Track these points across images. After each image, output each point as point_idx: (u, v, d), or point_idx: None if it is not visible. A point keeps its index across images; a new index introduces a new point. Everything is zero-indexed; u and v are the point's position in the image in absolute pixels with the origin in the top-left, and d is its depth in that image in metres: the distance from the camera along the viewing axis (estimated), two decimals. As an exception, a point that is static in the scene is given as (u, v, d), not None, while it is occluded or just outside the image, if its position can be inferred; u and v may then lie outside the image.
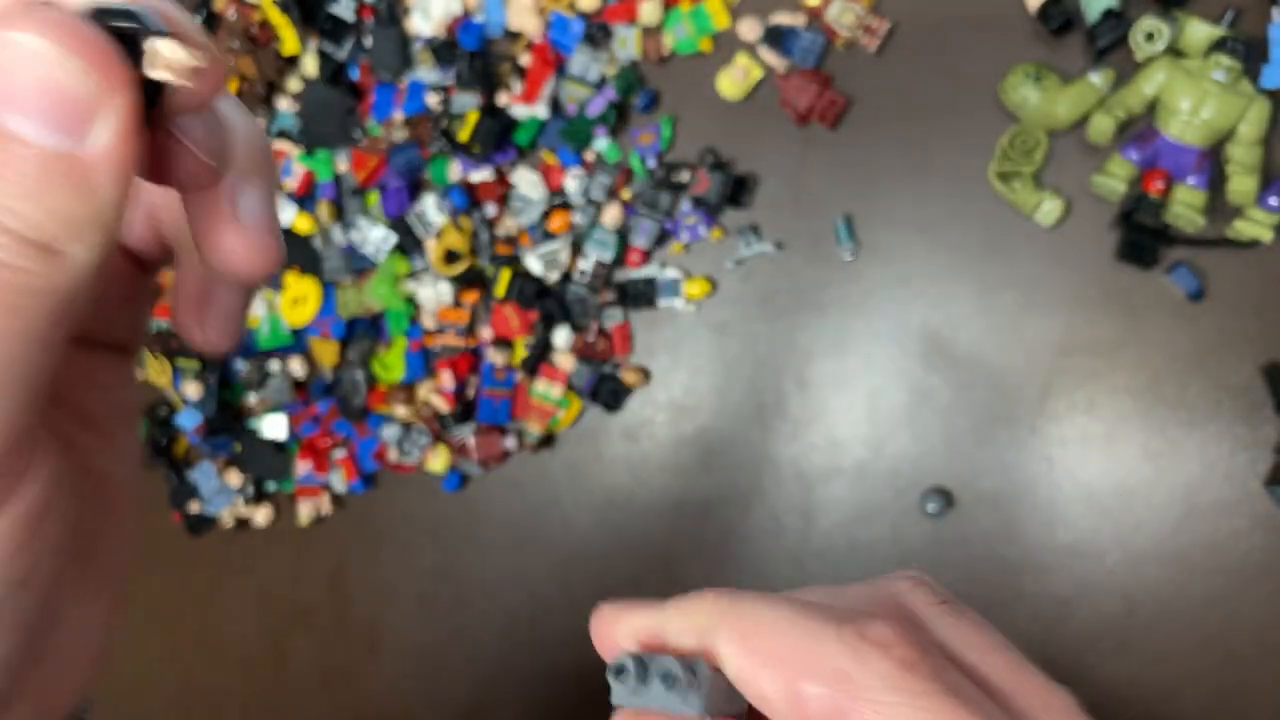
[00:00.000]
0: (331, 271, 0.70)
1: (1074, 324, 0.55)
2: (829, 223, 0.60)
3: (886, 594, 0.21)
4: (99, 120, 0.14)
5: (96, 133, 0.14)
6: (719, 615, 0.19)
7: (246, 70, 0.73)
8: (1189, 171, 0.52)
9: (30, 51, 0.13)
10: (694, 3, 0.62)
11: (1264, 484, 0.53)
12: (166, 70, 0.14)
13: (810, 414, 0.60)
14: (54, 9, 0.13)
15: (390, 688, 0.71)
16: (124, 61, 0.14)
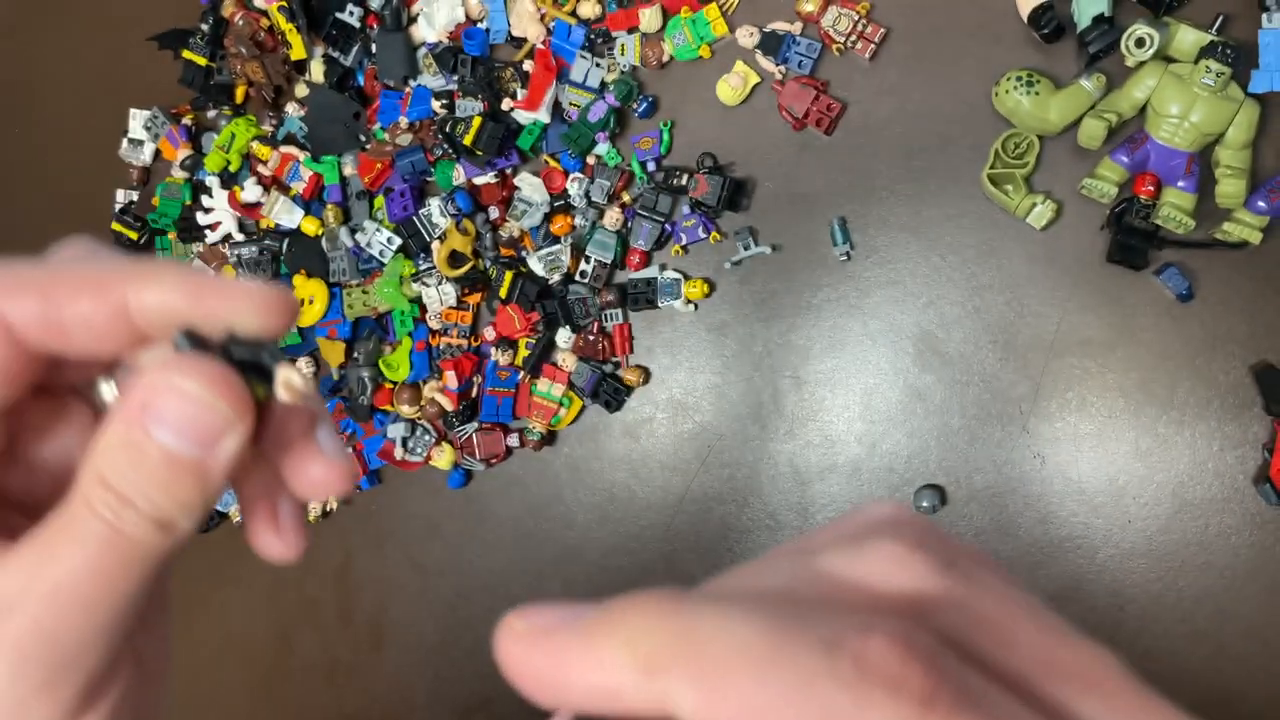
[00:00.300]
0: (338, 273, 0.72)
1: (1065, 325, 0.56)
2: (825, 225, 0.61)
3: (877, 570, 0.16)
4: (226, 439, 0.18)
5: (223, 446, 0.18)
6: (668, 644, 0.14)
7: (254, 75, 0.74)
8: (1179, 175, 0.53)
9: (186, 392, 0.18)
10: (693, 10, 0.63)
11: (1252, 482, 0.53)
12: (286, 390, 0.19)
13: (806, 412, 0.61)
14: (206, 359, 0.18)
15: (394, 681, 0.72)
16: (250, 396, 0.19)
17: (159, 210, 0.78)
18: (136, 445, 0.18)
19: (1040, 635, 0.15)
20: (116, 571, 0.18)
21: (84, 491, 0.18)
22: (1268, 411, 0.53)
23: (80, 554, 0.18)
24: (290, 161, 0.74)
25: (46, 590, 0.18)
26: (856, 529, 0.17)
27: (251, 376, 0.19)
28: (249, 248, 0.74)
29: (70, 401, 0.22)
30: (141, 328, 0.20)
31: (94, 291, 0.19)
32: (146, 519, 0.18)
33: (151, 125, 0.80)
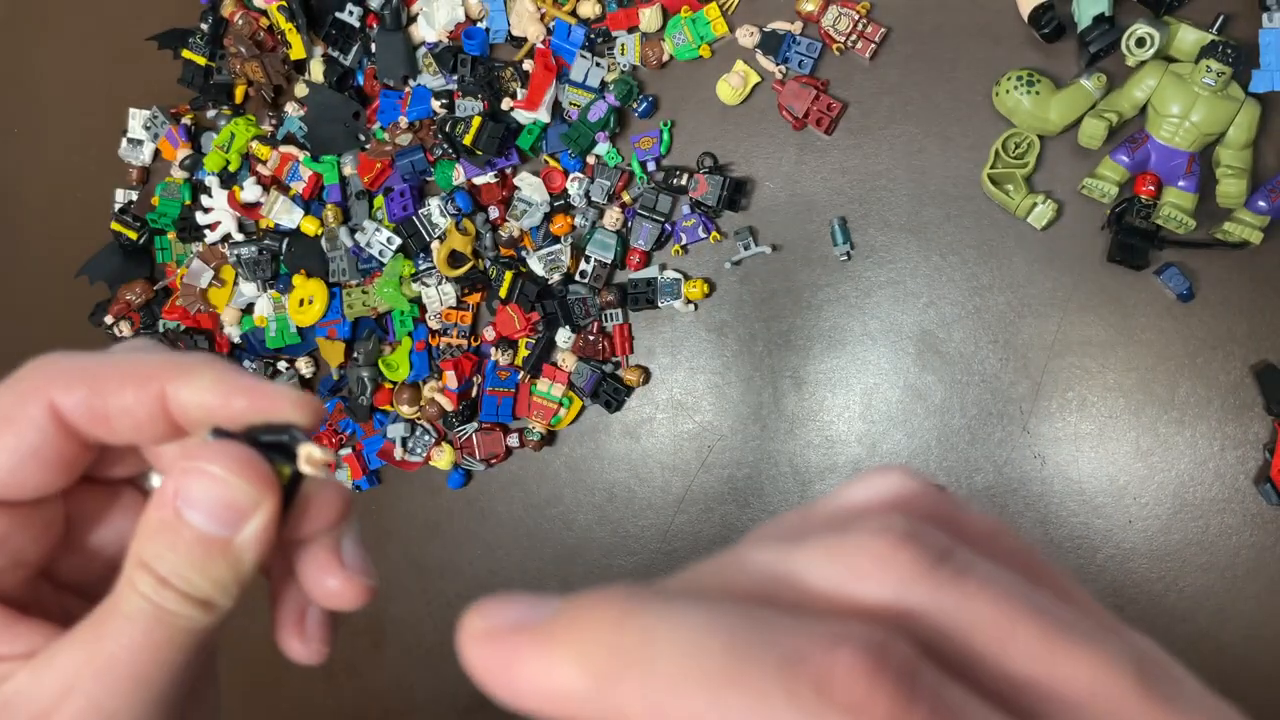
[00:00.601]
0: (337, 273, 0.72)
1: (1065, 324, 0.56)
2: (825, 225, 0.61)
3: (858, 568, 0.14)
4: (252, 519, 0.20)
5: (249, 527, 0.20)
6: (619, 654, 0.13)
7: (254, 75, 0.74)
8: (1179, 174, 0.53)
9: (212, 474, 0.19)
10: (693, 10, 0.63)
11: (1253, 482, 0.53)
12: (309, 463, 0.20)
13: (806, 412, 0.61)
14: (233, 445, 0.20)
15: (394, 682, 0.72)
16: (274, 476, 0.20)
17: (158, 210, 0.78)
18: (170, 527, 0.19)
19: (1041, 641, 0.13)
20: (163, 648, 0.19)
21: (128, 573, 0.20)
22: (1268, 411, 0.53)
23: (127, 633, 0.19)
24: (290, 161, 0.74)
25: (99, 669, 0.19)
26: (849, 511, 0.16)
27: (276, 457, 0.20)
28: (248, 247, 0.74)
29: (124, 492, 0.24)
30: (179, 420, 0.21)
31: (136, 384, 0.21)
32: (185, 597, 0.19)
33: (151, 125, 0.80)
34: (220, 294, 0.76)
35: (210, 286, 0.76)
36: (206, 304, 0.76)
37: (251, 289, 0.75)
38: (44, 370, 0.21)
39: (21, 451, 0.20)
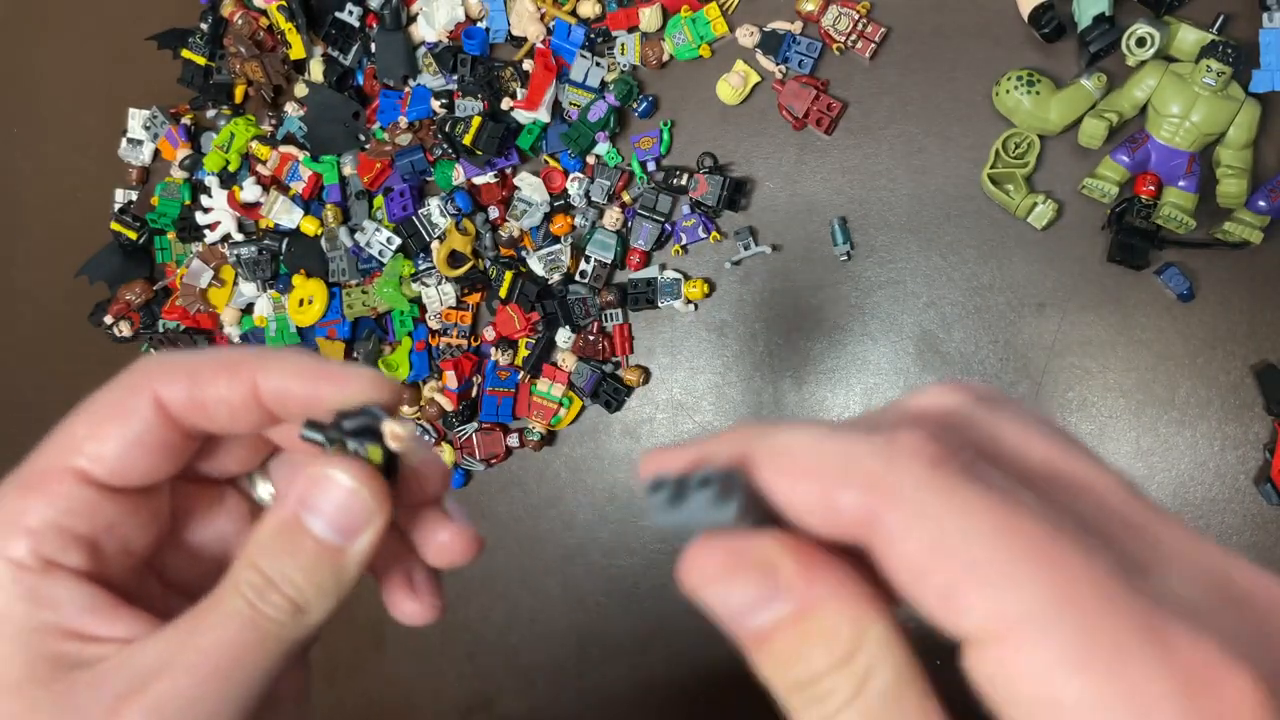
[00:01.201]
0: (337, 273, 0.72)
1: (1065, 324, 0.56)
2: (825, 225, 0.61)
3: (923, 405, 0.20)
4: (365, 532, 0.21)
5: (363, 538, 0.21)
6: (752, 441, 0.18)
7: (254, 75, 0.74)
8: (1179, 174, 0.53)
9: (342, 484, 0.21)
10: (693, 10, 0.63)
11: (1253, 482, 0.53)
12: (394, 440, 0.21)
13: (806, 412, 0.61)
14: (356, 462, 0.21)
15: (394, 681, 0.72)
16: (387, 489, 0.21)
17: (158, 210, 0.78)
18: (290, 531, 0.21)
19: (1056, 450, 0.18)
20: (253, 649, 0.20)
21: (235, 573, 0.21)
22: (1268, 411, 0.53)
23: (221, 630, 0.20)
24: (289, 161, 0.74)
25: (189, 661, 0.20)
26: None
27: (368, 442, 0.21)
28: (248, 247, 0.74)
29: (228, 494, 0.26)
30: (271, 408, 0.23)
31: (229, 374, 0.22)
32: (285, 601, 0.21)
33: (150, 125, 0.80)
34: (220, 294, 0.76)
35: (210, 286, 0.76)
36: (206, 304, 0.76)
37: (251, 289, 0.75)
38: (147, 366, 0.23)
39: (129, 440, 0.22)
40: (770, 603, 0.17)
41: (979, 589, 0.15)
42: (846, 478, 0.17)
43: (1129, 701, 0.14)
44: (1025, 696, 0.15)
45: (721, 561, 0.17)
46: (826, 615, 0.17)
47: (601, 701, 0.66)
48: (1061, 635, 0.14)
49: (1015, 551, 0.15)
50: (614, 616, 0.66)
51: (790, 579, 0.17)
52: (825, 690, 0.17)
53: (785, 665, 0.17)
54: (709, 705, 0.63)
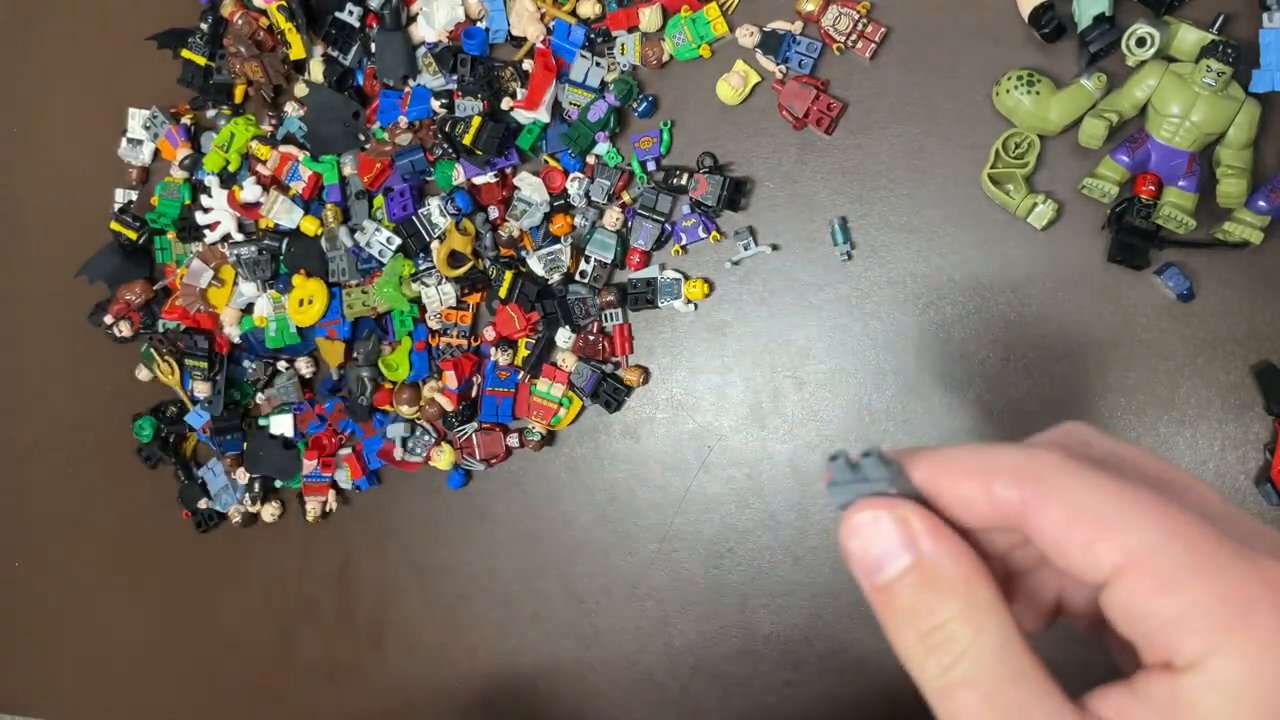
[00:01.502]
0: (337, 273, 0.72)
1: (1066, 325, 0.56)
2: (825, 225, 0.61)
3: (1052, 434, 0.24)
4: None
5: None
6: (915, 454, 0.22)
7: (254, 75, 0.74)
8: (1179, 174, 0.53)
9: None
10: (693, 10, 0.63)
11: (1254, 482, 0.53)
12: None
13: (806, 412, 0.61)
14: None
15: (394, 681, 0.72)
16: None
17: (158, 210, 0.78)
18: None
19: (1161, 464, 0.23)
20: None
21: None
22: (1269, 411, 0.53)
23: None
24: (289, 161, 0.74)
25: None
26: None
27: None
28: (248, 247, 0.74)
29: None
30: None
31: None
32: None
33: (150, 125, 0.80)
34: (220, 294, 0.76)
35: (210, 286, 0.76)
36: (206, 304, 0.76)
37: (251, 289, 0.75)
38: None
39: None
40: (903, 552, 0.21)
41: (1110, 537, 0.19)
42: (1001, 473, 0.21)
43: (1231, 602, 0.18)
44: (1152, 610, 0.19)
45: (869, 514, 0.21)
46: (950, 569, 0.20)
47: (601, 702, 0.66)
48: (1174, 558, 0.18)
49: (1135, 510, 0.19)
50: (614, 616, 0.66)
51: (921, 533, 0.21)
52: (947, 636, 0.20)
53: (911, 615, 0.20)
54: (709, 705, 0.63)
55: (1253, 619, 0.18)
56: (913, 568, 0.20)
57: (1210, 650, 0.18)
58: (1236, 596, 0.18)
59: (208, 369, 0.75)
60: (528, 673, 0.68)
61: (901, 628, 0.21)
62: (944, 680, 0.20)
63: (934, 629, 0.20)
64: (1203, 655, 0.18)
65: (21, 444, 0.87)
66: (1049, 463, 0.20)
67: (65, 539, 0.85)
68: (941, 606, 0.20)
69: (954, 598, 0.20)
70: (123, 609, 0.83)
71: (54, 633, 0.86)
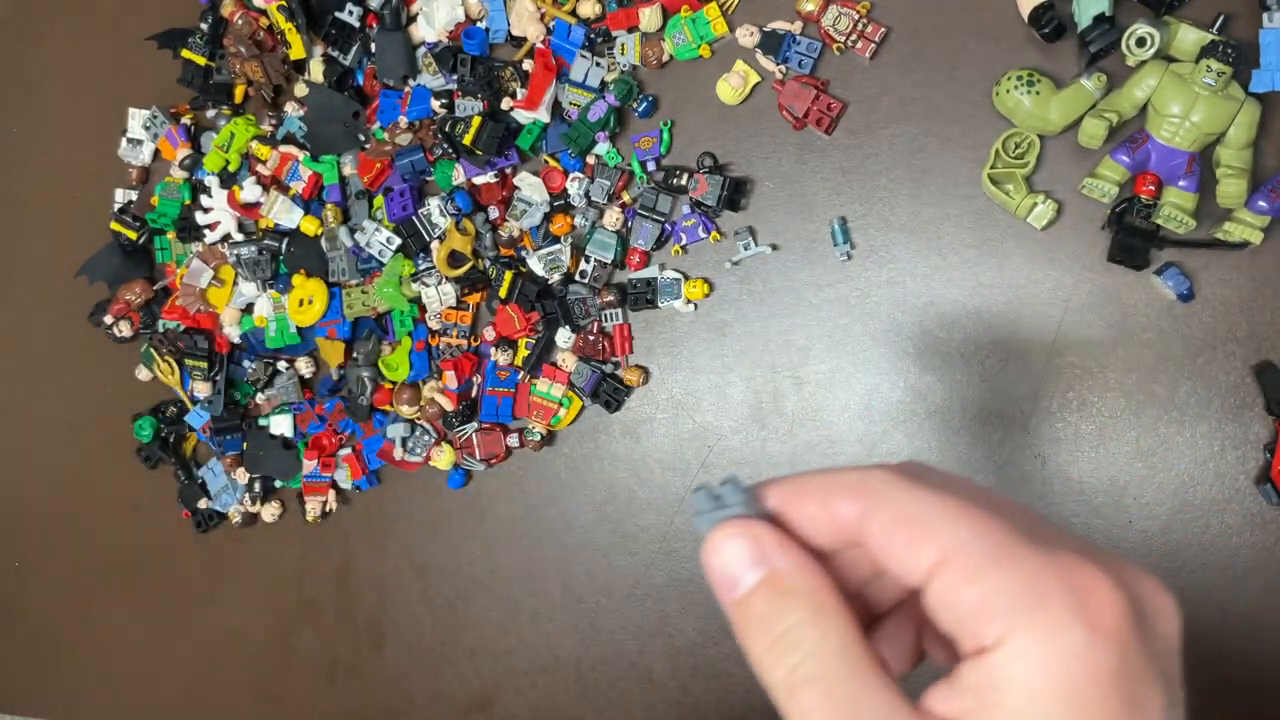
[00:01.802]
0: (337, 273, 0.72)
1: (1066, 324, 0.56)
2: (824, 225, 0.61)
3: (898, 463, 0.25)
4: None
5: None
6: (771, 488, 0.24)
7: (254, 75, 0.74)
8: (1179, 174, 0.53)
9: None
10: (693, 10, 0.63)
11: (1254, 482, 0.53)
12: None
13: (806, 412, 0.61)
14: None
15: (394, 680, 0.72)
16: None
17: (158, 210, 0.78)
18: None
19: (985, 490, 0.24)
20: None
21: None
22: (1269, 411, 0.53)
23: None
24: (289, 161, 0.74)
25: None
26: None
27: None
28: (248, 247, 0.74)
29: None
30: None
31: None
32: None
33: (150, 125, 0.80)
34: (220, 294, 0.76)
35: (210, 286, 0.76)
36: (206, 304, 0.76)
37: (251, 289, 0.75)
38: None
39: None
40: (756, 567, 0.23)
41: (927, 537, 0.21)
42: (840, 490, 0.23)
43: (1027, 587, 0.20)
44: (961, 600, 0.21)
45: (726, 534, 0.23)
46: (796, 579, 0.22)
47: (601, 701, 0.66)
48: (980, 553, 0.21)
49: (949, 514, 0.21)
50: (614, 616, 0.66)
51: (772, 548, 0.23)
52: (794, 639, 0.22)
53: (762, 623, 0.22)
54: (709, 705, 0.63)
55: (1046, 600, 0.20)
56: (764, 580, 0.23)
57: (1010, 629, 0.20)
58: (1032, 582, 0.20)
59: (208, 369, 0.75)
60: (528, 671, 0.68)
61: (754, 635, 0.22)
62: (790, 680, 0.22)
63: (783, 633, 0.22)
64: (1004, 634, 0.20)
65: (21, 444, 0.87)
66: (880, 479, 0.23)
67: (65, 539, 0.85)
68: (790, 613, 0.22)
69: (801, 605, 0.22)
70: (123, 609, 0.83)
71: (54, 633, 0.86)
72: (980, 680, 0.20)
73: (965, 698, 0.20)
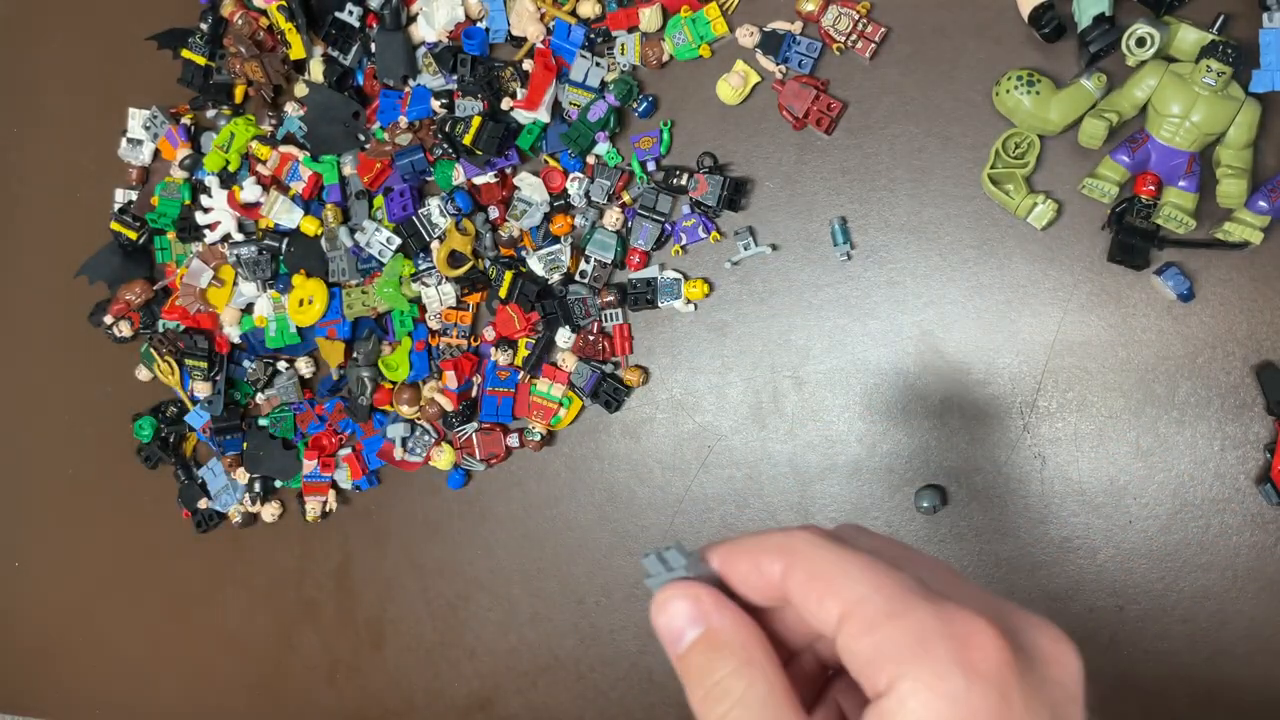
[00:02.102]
0: (337, 273, 0.72)
1: (1066, 324, 0.56)
2: (824, 225, 0.61)
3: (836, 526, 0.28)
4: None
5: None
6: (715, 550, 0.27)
7: (254, 75, 0.74)
8: (1179, 174, 0.53)
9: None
10: (693, 10, 0.63)
11: (1254, 482, 0.53)
12: None
13: (806, 412, 0.61)
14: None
15: (394, 681, 0.72)
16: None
17: (158, 210, 0.78)
18: None
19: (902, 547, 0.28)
20: None
21: None
22: (1269, 411, 0.53)
23: None
24: (289, 161, 0.74)
25: None
26: None
27: None
28: (248, 247, 0.74)
29: None
30: None
31: None
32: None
33: (150, 125, 0.80)
34: (220, 294, 0.76)
35: (210, 286, 0.76)
36: (206, 304, 0.76)
37: (251, 289, 0.75)
38: None
39: None
40: (695, 624, 0.25)
41: (834, 592, 0.23)
42: (767, 550, 0.25)
43: (913, 636, 0.22)
44: (859, 650, 0.22)
45: (668, 594, 0.25)
46: (729, 635, 0.24)
47: (601, 701, 0.66)
48: (876, 606, 0.23)
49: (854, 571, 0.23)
50: (614, 616, 0.66)
51: (708, 608, 0.25)
52: (724, 690, 0.24)
53: (699, 675, 0.24)
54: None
55: (929, 647, 0.22)
56: (701, 637, 0.25)
57: (898, 676, 0.22)
58: (918, 631, 0.22)
59: (208, 369, 0.75)
60: (528, 672, 0.68)
61: (693, 686, 0.25)
62: None
63: (715, 684, 0.24)
64: (893, 681, 0.22)
65: (21, 444, 0.87)
66: (800, 538, 0.25)
67: (65, 539, 0.85)
68: (721, 665, 0.24)
69: (731, 657, 0.24)
70: (123, 609, 0.83)
71: (54, 633, 0.86)
72: None
73: None
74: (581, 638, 0.67)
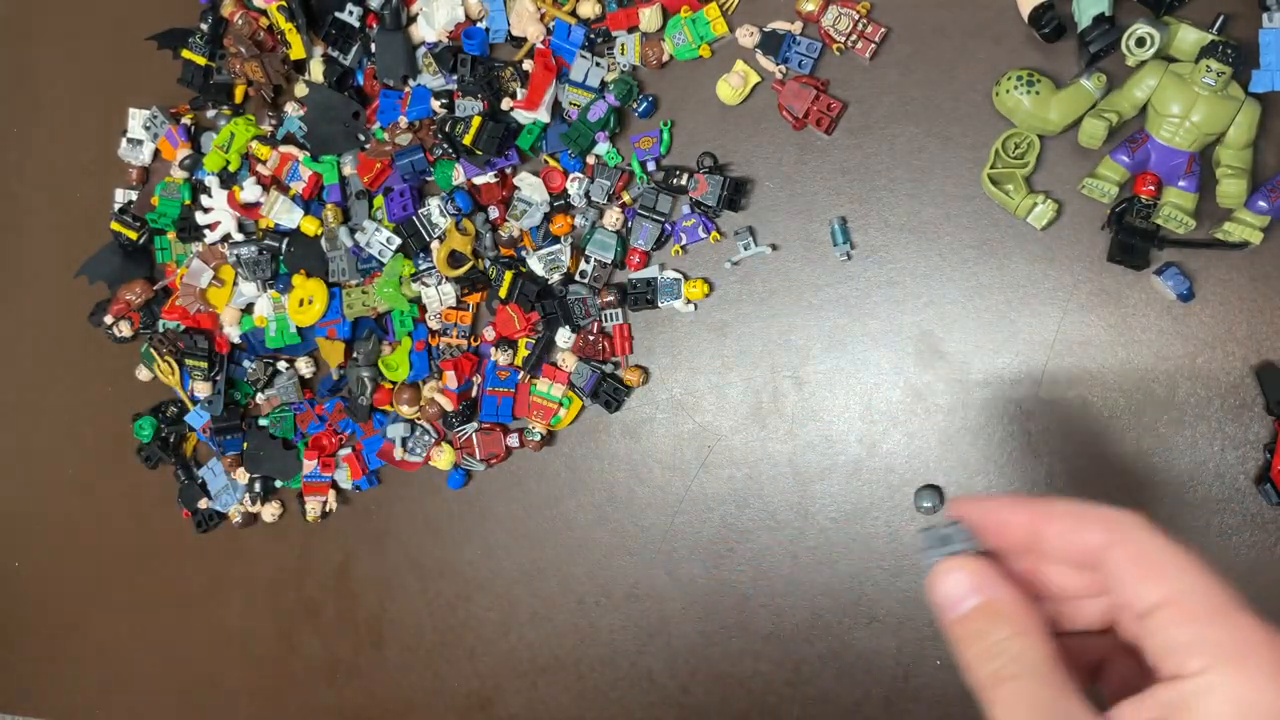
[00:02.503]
0: (337, 273, 0.72)
1: (1065, 324, 0.56)
2: (824, 225, 0.61)
3: None
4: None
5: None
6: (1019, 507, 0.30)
7: (254, 75, 0.74)
8: (1179, 174, 0.53)
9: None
10: (693, 10, 0.63)
11: (1253, 481, 0.53)
12: None
13: (806, 412, 0.61)
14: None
15: (394, 681, 0.72)
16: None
17: (158, 210, 0.78)
18: None
19: None
20: None
21: None
22: (1268, 411, 0.53)
23: None
24: (289, 161, 0.74)
25: None
26: None
27: None
28: (248, 247, 0.74)
29: None
30: None
31: None
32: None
33: (151, 125, 0.80)
34: (220, 294, 0.76)
35: (210, 286, 0.76)
36: (206, 304, 0.76)
37: (251, 289, 0.75)
38: None
39: None
40: (975, 594, 0.28)
41: (1158, 579, 0.26)
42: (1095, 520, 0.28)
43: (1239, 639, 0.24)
44: (1174, 636, 0.25)
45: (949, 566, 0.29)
46: (1006, 605, 0.28)
47: (602, 701, 0.66)
48: (1197, 603, 0.25)
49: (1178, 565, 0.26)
50: (614, 616, 0.66)
51: (989, 581, 0.29)
52: (1001, 649, 0.27)
53: (975, 636, 0.28)
54: (709, 706, 0.63)
55: (1251, 652, 0.24)
56: (982, 605, 0.28)
57: (1211, 666, 0.24)
58: (1243, 635, 0.25)
59: (208, 369, 0.75)
60: (528, 673, 0.68)
61: (967, 644, 0.28)
62: (995, 676, 0.27)
63: (991, 644, 0.27)
64: (1205, 669, 0.24)
65: (22, 444, 0.87)
66: (1131, 520, 0.27)
67: (65, 539, 0.85)
68: (1000, 629, 0.28)
69: (1009, 625, 0.27)
70: (123, 609, 0.83)
71: (54, 633, 0.86)
72: (1172, 699, 0.24)
73: (1154, 711, 0.25)
74: (581, 638, 0.67)
